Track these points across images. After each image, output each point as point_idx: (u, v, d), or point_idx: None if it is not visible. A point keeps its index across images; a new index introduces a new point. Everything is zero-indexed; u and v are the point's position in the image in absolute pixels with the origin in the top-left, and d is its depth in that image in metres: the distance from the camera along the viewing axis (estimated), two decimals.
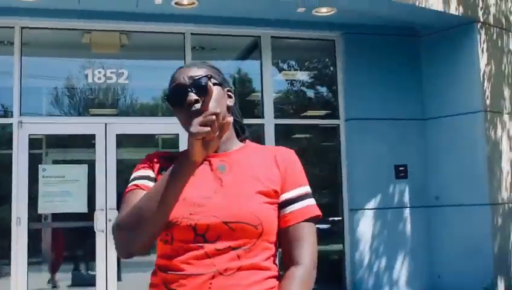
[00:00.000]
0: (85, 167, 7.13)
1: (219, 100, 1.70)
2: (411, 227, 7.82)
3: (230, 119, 1.68)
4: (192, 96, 1.66)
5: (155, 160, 1.78)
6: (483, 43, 7.63)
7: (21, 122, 6.93)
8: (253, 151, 1.79)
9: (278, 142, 7.68)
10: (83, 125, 7.28)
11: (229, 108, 1.77)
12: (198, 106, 1.65)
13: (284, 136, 8.04)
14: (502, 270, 7.35)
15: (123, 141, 7.40)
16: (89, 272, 7.31)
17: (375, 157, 7.71)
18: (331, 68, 8.36)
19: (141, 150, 8.10)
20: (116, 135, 7.18)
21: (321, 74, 8.74)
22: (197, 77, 1.70)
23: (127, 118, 7.57)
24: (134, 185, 1.73)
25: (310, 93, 8.63)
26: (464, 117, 7.59)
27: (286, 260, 1.69)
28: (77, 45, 7.57)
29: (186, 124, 1.66)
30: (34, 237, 6.99)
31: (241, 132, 1.87)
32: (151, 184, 1.70)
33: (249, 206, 1.63)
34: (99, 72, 7.37)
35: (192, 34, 7.57)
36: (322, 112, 8.36)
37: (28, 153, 6.91)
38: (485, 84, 7.56)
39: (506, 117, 7.80)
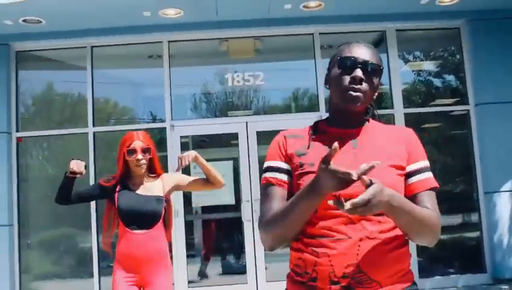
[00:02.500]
0: (230, 163, 7.83)
1: (375, 90, 1.98)
2: None
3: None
4: (360, 74, 1.90)
5: (285, 144, 2.00)
6: None
7: (173, 126, 7.77)
8: (379, 129, 2.03)
9: None
10: (226, 125, 7.96)
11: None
12: (362, 87, 1.91)
13: (414, 126, 8.19)
14: None
15: (262, 137, 7.96)
16: (239, 260, 7.95)
17: (508, 140, 7.71)
18: (457, 56, 8.44)
19: None
20: (257, 132, 7.80)
21: (447, 62, 8.83)
22: (374, 63, 1.94)
23: (265, 116, 8.11)
24: (267, 179, 1.98)
25: (437, 82, 8.72)
26: None
27: None
28: (216, 52, 8.31)
29: (340, 90, 1.93)
30: (189, 229, 7.80)
31: (371, 117, 2.10)
32: (283, 177, 1.96)
33: (386, 177, 1.80)
34: (238, 76, 8.07)
35: (320, 33, 8.04)
36: (451, 100, 8.43)
37: (180, 152, 7.71)
38: None
39: None
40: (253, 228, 7.53)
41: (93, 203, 7.52)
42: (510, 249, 7.60)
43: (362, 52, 1.95)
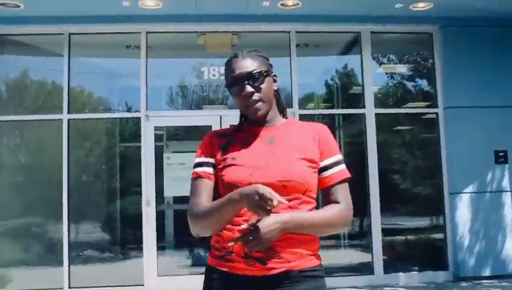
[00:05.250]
0: None
1: (268, 89, 2.18)
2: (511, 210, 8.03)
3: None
4: (249, 89, 2.12)
5: (212, 142, 2.22)
6: None
7: (147, 116, 7.82)
8: (295, 126, 2.26)
9: (379, 133, 8.15)
10: (200, 117, 8.04)
11: (275, 91, 2.24)
12: (256, 97, 2.12)
13: (384, 127, 8.44)
14: None
15: None
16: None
17: (474, 143, 7.96)
18: (429, 61, 8.67)
19: None
20: (230, 125, 7.84)
21: (420, 66, 9.06)
22: (254, 72, 2.13)
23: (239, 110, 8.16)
24: (196, 173, 2.18)
25: (409, 85, 8.95)
26: None
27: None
28: (194, 46, 8.38)
29: (242, 106, 2.16)
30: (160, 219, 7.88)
31: (283, 111, 2.31)
32: (210, 170, 2.17)
33: (296, 168, 2.08)
34: (214, 70, 8.17)
35: (296, 32, 8.18)
36: (422, 104, 8.67)
37: (154, 143, 7.80)
38: None
39: None
40: None
41: (65, 194, 7.59)
42: (470, 249, 7.85)
43: (242, 64, 2.14)
